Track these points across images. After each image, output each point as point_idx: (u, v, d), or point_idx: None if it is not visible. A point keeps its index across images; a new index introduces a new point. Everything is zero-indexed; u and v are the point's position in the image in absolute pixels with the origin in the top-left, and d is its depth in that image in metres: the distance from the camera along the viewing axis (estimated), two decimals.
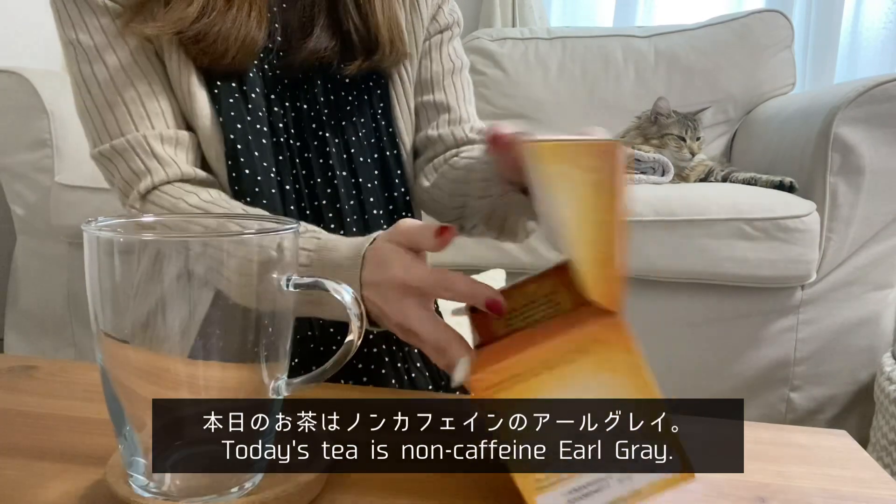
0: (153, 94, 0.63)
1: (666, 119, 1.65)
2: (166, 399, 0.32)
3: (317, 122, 0.68)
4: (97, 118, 0.62)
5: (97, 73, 0.61)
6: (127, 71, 0.62)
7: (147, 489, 0.33)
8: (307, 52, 0.66)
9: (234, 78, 0.63)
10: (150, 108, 0.62)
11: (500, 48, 2.04)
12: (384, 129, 0.70)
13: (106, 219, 0.34)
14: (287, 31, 0.67)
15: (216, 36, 0.60)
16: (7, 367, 0.55)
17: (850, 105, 1.28)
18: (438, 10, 0.76)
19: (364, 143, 0.69)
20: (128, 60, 0.62)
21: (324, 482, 0.37)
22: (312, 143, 0.68)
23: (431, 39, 0.75)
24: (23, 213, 1.53)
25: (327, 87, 0.68)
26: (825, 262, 1.33)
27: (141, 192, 0.61)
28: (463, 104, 0.75)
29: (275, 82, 0.66)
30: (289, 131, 0.67)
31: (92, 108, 0.62)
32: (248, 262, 0.33)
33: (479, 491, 0.37)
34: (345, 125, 0.68)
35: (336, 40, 0.67)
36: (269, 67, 0.66)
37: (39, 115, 1.47)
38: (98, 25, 0.61)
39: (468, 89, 0.77)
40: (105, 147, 0.62)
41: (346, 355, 0.36)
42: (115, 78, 0.61)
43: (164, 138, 0.62)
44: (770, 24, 1.89)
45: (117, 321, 0.32)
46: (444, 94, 0.74)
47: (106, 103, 0.62)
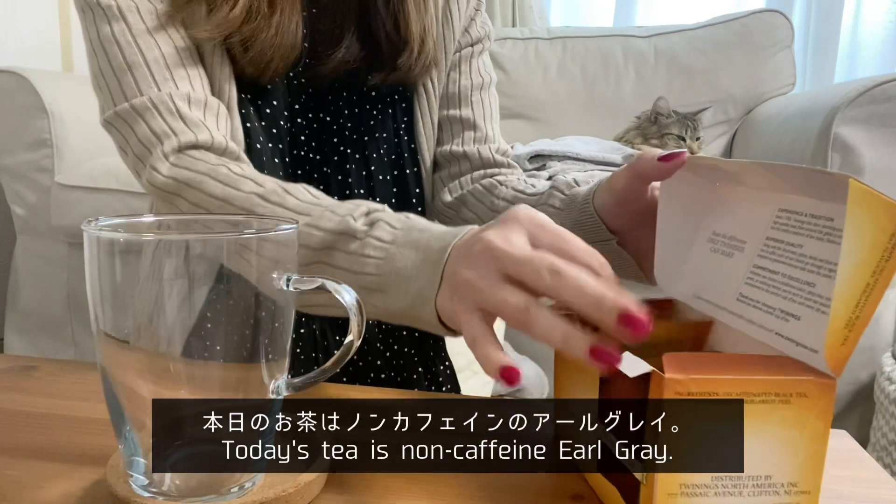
0: (180, 59, 0.55)
1: (666, 119, 1.65)
2: (166, 399, 0.32)
3: (338, 137, 0.66)
4: (113, 81, 0.54)
5: (116, 32, 0.54)
6: (152, 32, 0.55)
7: (147, 489, 0.33)
8: (336, 62, 0.62)
9: (251, 90, 0.60)
10: (177, 73, 0.55)
11: (500, 48, 2.04)
12: (406, 145, 0.68)
13: (106, 219, 0.34)
14: (315, 38, 0.64)
15: (262, 43, 0.56)
16: (7, 367, 0.55)
17: (850, 105, 1.28)
18: (471, 23, 0.73)
19: (385, 160, 0.67)
20: (154, 23, 0.55)
21: (324, 482, 0.37)
22: (332, 157, 0.66)
23: (462, 52, 0.72)
24: (23, 213, 1.53)
25: (352, 98, 0.66)
26: None
27: (166, 152, 0.51)
28: (489, 123, 0.73)
29: (299, 92, 0.64)
30: (310, 144, 0.65)
31: (108, 71, 0.54)
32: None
33: (479, 491, 0.37)
34: (367, 140, 0.66)
35: (365, 50, 0.64)
36: (295, 76, 0.63)
37: (39, 115, 1.47)
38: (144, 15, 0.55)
39: (495, 106, 0.74)
40: (121, 107, 0.53)
41: (346, 355, 0.36)
42: (138, 38, 0.54)
43: (192, 100, 0.54)
44: (770, 24, 1.89)
45: (117, 321, 0.32)
46: (470, 111, 0.71)
47: (125, 64, 0.53)
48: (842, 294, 0.29)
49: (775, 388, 0.30)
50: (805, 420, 0.31)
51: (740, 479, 0.31)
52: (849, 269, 0.29)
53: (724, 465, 0.31)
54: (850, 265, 0.29)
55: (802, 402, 0.30)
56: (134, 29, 0.54)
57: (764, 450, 0.31)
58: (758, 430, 0.30)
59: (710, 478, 0.31)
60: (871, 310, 0.30)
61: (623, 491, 0.33)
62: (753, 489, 0.31)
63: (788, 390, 0.30)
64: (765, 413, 0.30)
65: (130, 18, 0.54)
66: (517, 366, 0.34)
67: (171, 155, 0.52)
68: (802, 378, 0.31)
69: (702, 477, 0.30)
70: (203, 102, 0.55)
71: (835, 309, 0.29)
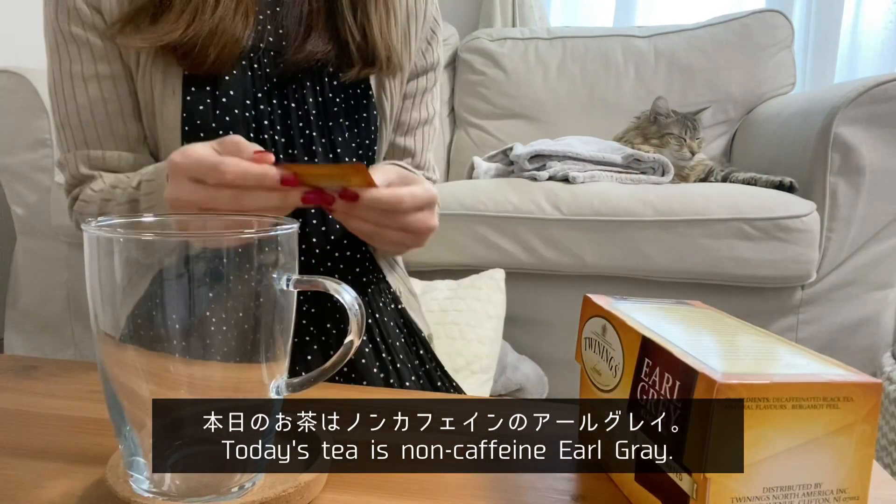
0: (98, 118, 0.67)
1: (665, 119, 1.65)
2: (166, 399, 0.32)
3: (304, 121, 0.68)
4: (59, 130, 0.69)
5: (57, 82, 0.67)
6: (88, 92, 0.66)
7: (147, 489, 0.33)
8: (305, 52, 0.66)
9: (208, 82, 0.64)
10: (89, 135, 0.68)
11: (500, 48, 2.04)
12: (364, 137, 0.72)
13: (106, 219, 0.34)
14: (281, 32, 0.68)
15: (196, 44, 0.61)
16: (7, 367, 0.55)
17: (850, 105, 1.28)
18: (427, 46, 0.78)
19: (350, 143, 0.70)
20: (89, 71, 0.66)
21: (324, 482, 0.37)
22: (298, 140, 0.68)
23: (418, 80, 0.78)
24: (23, 213, 1.53)
25: (316, 89, 0.69)
26: (825, 262, 1.33)
27: (69, 204, 0.69)
28: (426, 153, 0.82)
29: (263, 80, 0.67)
30: (274, 128, 0.67)
31: (55, 121, 0.69)
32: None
33: (479, 491, 0.37)
34: (332, 125, 0.69)
35: (332, 46, 0.68)
36: (259, 66, 0.66)
37: (39, 115, 1.47)
38: (88, 56, 0.66)
39: (433, 138, 0.83)
40: (58, 158, 0.70)
41: (346, 355, 0.36)
42: (78, 97, 0.66)
43: (90, 159, 0.67)
44: (770, 24, 1.89)
45: (117, 321, 0.32)
46: (413, 141, 0.80)
47: (59, 123, 0.68)
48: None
49: (823, 391, 0.30)
50: (853, 424, 0.30)
51: (791, 489, 0.30)
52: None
53: (773, 475, 0.30)
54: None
55: (849, 406, 0.30)
56: (76, 88, 0.66)
57: (814, 457, 0.30)
58: (808, 437, 0.30)
59: (761, 489, 0.30)
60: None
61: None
62: (804, 498, 0.31)
63: (836, 394, 0.30)
64: (814, 418, 0.30)
65: (75, 73, 0.66)
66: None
67: (71, 205, 0.69)
68: (849, 381, 0.30)
69: (753, 489, 0.30)
70: (101, 160, 0.68)
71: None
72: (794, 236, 1.29)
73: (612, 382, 0.38)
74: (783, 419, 0.30)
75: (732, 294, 1.36)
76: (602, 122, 1.89)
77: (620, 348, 0.38)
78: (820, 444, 0.30)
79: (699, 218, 1.32)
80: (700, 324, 0.40)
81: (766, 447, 0.30)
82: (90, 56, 0.65)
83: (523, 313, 1.42)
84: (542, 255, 1.37)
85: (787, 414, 0.30)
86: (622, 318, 0.38)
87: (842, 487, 0.31)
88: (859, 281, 1.35)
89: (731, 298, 1.36)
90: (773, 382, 0.30)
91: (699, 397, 0.30)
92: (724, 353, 0.34)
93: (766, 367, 0.32)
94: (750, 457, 0.30)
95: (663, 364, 0.33)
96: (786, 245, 1.29)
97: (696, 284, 1.36)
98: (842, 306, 1.35)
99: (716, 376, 0.29)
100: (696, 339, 0.36)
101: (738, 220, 1.31)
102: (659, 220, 1.33)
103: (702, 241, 1.32)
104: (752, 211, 1.31)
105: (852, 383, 0.30)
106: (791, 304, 1.36)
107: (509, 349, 1.29)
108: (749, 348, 0.35)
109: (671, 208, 1.33)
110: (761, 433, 0.30)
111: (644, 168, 1.50)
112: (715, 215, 1.32)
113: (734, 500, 0.30)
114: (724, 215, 1.31)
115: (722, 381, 0.29)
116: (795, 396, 0.30)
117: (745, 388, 0.29)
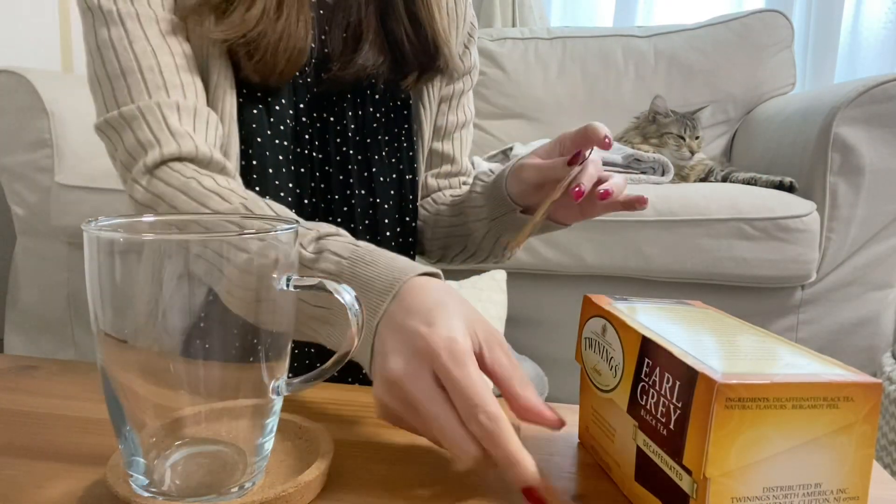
0: (176, 68, 0.55)
1: (664, 118, 1.65)
2: (166, 399, 0.32)
3: (341, 137, 0.66)
4: (106, 86, 0.54)
5: (114, 38, 0.54)
6: (149, 40, 0.55)
7: (147, 489, 0.33)
8: (355, 67, 0.63)
9: (260, 88, 0.60)
10: (170, 81, 0.55)
11: (500, 48, 2.04)
12: (405, 151, 0.70)
13: (106, 219, 0.34)
14: (324, 39, 0.64)
15: (266, 48, 0.57)
16: (7, 367, 0.55)
17: (850, 105, 1.28)
18: (465, 51, 0.76)
19: (385, 162, 0.69)
20: (153, 31, 0.55)
21: (324, 482, 0.37)
22: (335, 157, 0.66)
23: (455, 84, 0.76)
24: (23, 213, 1.53)
25: (356, 101, 0.67)
26: (825, 262, 1.33)
27: (148, 164, 0.52)
28: (464, 158, 0.79)
29: (305, 91, 0.64)
30: (313, 143, 0.65)
31: (102, 76, 0.55)
32: (249, 261, 0.31)
33: (479, 491, 0.37)
34: (369, 142, 0.67)
35: (385, 56, 0.65)
36: (301, 75, 0.63)
37: (39, 115, 1.47)
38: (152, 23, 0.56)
39: (470, 141, 0.81)
40: (111, 115, 0.54)
41: (346, 355, 0.36)
42: (135, 45, 0.54)
43: (181, 109, 0.54)
44: (770, 24, 1.89)
45: (117, 321, 0.32)
46: (451, 146, 0.77)
47: (119, 70, 0.54)
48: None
49: (823, 391, 0.30)
50: (853, 424, 0.31)
51: (791, 489, 0.30)
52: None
53: (773, 475, 0.30)
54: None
55: (849, 406, 0.30)
56: (132, 35, 0.55)
57: (814, 457, 0.30)
58: (808, 437, 0.30)
59: (761, 489, 0.30)
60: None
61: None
62: (804, 498, 0.31)
63: (836, 394, 0.30)
64: (814, 418, 0.30)
65: (129, 25, 0.55)
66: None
67: (152, 168, 0.53)
68: (849, 381, 0.30)
69: (753, 489, 0.30)
70: (193, 112, 0.55)
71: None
72: (794, 236, 1.29)
73: (612, 382, 0.38)
74: (783, 419, 0.30)
75: (732, 294, 1.36)
76: (602, 122, 1.89)
77: (620, 348, 0.38)
78: (820, 444, 0.30)
79: (699, 218, 1.32)
80: (700, 324, 0.40)
81: (766, 447, 0.30)
82: (155, 23, 0.56)
83: (524, 313, 1.42)
84: (543, 255, 1.37)
85: (787, 414, 0.30)
86: (622, 318, 0.38)
87: (842, 487, 0.31)
88: (859, 281, 1.35)
89: (731, 298, 1.36)
90: (773, 382, 0.30)
91: (699, 397, 0.30)
92: (725, 353, 0.34)
93: (766, 368, 0.32)
94: (750, 457, 0.30)
95: (663, 364, 0.33)
96: (786, 245, 1.29)
97: (696, 284, 1.36)
98: (842, 306, 1.36)
99: (716, 376, 0.29)
100: (696, 339, 0.36)
101: (738, 220, 1.31)
102: (659, 220, 1.33)
103: (702, 241, 1.32)
104: (752, 211, 1.31)
105: (852, 383, 0.30)
106: (791, 304, 1.36)
107: (508, 349, 1.29)
108: (749, 348, 0.35)
109: (671, 208, 1.33)
110: (761, 433, 0.30)
111: (644, 168, 1.50)
112: (715, 215, 1.32)
113: (734, 500, 0.30)
114: (724, 215, 1.31)
115: (722, 382, 0.29)
116: (795, 396, 0.30)
117: (745, 388, 0.29)
